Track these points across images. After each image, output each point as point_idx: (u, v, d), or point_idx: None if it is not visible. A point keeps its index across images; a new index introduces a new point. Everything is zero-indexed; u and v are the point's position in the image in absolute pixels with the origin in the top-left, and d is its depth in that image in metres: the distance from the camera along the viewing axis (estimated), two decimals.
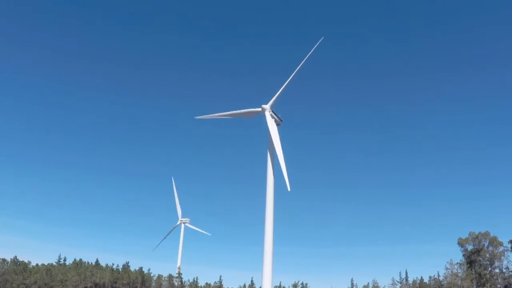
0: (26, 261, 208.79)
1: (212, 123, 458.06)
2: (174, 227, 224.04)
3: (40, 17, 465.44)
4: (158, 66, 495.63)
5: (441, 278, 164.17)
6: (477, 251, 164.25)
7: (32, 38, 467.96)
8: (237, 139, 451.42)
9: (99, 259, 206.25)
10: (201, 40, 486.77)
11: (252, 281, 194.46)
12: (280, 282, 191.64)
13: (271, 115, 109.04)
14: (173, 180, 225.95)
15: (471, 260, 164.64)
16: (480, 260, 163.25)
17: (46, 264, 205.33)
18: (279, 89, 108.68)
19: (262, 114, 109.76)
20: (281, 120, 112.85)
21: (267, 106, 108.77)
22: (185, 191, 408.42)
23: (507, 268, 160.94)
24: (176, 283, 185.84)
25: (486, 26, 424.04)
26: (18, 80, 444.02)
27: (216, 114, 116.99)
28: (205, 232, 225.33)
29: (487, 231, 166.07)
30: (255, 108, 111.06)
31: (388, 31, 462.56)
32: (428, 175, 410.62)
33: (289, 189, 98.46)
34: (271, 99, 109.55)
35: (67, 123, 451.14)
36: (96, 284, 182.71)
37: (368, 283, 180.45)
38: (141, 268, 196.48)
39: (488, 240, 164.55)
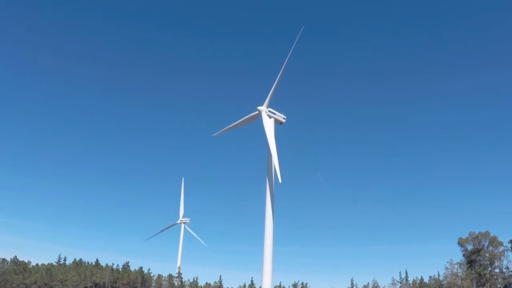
0: (26, 261, 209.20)
1: (211, 123, 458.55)
2: (172, 225, 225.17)
3: (50, 17, 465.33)
4: (158, 66, 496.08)
5: (441, 278, 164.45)
6: (477, 251, 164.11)
7: (41, 38, 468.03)
8: (237, 139, 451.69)
9: (99, 259, 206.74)
10: (200, 39, 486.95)
11: (252, 281, 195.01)
12: (280, 282, 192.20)
13: (268, 115, 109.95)
14: (183, 180, 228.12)
15: (471, 260, 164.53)
16: (480, 260, 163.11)
17: (46, 264, 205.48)
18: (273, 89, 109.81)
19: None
20: (285, 118, 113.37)
21: (263, 107, 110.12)
22: (185, 191, 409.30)
23: (507, 268, 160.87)
24: (176, 283, 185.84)
25: (486, 26, 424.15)
26: (18, 80, 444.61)
27: (227, 128, 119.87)
28: (201, 240, 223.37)
29: (487, 231, 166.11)
30: (253, 112, 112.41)
31: (391, 31, 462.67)
32: (428, 175, 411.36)
33: (280, 181, 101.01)
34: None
35: (67, 123, 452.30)
36: (96, 284, 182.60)
37: (368, 283, 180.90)
38: (141, 268, 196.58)
39: (488, 240, 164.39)
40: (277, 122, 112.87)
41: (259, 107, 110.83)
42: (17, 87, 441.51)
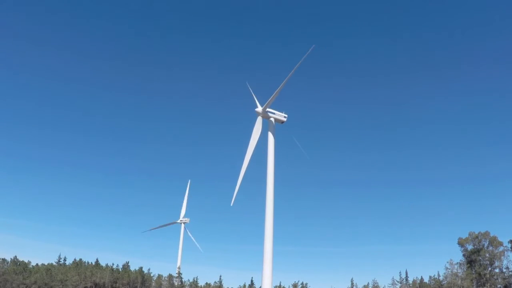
0: (26, 261, 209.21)
1: (211, 122, 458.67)
2: (172, 223, 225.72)
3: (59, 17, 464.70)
4: (158, 64, 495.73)
5: (441, 278, 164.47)
6: (477, 251, 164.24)
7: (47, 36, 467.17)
8: (237, 138, 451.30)
9: (99, 259, 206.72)
10: (202, 39, 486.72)
11: (252, 281, 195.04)
12: (280, 282, 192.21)
13: (267, 116, 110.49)
14: (188, 183, 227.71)
15: (471, 260, 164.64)
16: (480, 260, 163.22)
17: (46, 264, 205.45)
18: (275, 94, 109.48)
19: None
20: (286, 117, 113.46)
21: (260, 110, 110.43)
22: (184, 190, 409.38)
23: (507, 268, 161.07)
24: (176, 283, 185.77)
25: (486, 24, 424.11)
26: (17, 78, 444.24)
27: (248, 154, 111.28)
28: (198, 245, 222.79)
29: (487, 231, 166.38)
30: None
31: (389, 29, 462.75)
32: (428, 175, 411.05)
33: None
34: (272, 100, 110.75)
35: (67, 122, 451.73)
36: (96, 284, 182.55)
37: (368, 283, 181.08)
38: (141, 268, 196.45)
39: (488, 240, 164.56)
40: (278, 122, 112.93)
41: (257, 109, 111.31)
42: (15, 86, 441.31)
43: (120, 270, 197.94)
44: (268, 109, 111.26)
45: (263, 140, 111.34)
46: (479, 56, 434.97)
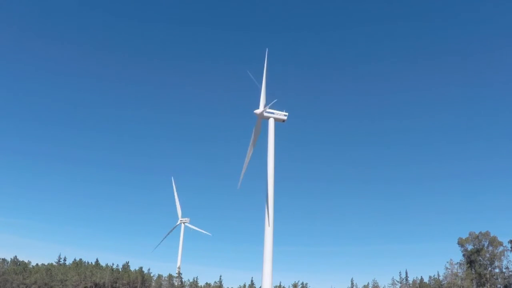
0: (26, 261, 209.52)
1: (211, 122, 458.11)
2: (174, 227, 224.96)
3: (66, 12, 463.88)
4: (159, 59, 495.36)
5: (441, 278, 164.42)
6: (477, 251, 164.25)
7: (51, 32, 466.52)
8: (237, 137, 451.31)
9: (99, 259, 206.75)
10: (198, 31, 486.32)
11: (252, 281, 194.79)
12: (280, 282, 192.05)
13: (266, 116, 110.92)
14: (172, 180, 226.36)
15: (471, 260, 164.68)
16: (480, 260, 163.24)
17: (46, 264, 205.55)
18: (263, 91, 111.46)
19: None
20: (286, 115, 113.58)
21: (259, 111, 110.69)
22: (185, 190, 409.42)
23: (507, 268, 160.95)
24: (176, 283, 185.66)
25: (488, 24, 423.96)
26: (16, 77, 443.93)
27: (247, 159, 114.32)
28: (205, 232, 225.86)
29: (487, 231, 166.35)
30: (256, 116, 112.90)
31: (393, 22, 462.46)
32: (428, 174, 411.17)
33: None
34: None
35: (67, 121, 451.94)
36: (96, 284, 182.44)
37: (368, 283, 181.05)
38: (141, 268, 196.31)
39: (488, 240, 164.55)
40: (278, 121, 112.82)
41: (256, 111, 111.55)
42: (15, 85, 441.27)
43: (120, 270, 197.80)
44: (267, 110, 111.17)
45: (263, 140, 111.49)
46: (481, 52, 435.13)
